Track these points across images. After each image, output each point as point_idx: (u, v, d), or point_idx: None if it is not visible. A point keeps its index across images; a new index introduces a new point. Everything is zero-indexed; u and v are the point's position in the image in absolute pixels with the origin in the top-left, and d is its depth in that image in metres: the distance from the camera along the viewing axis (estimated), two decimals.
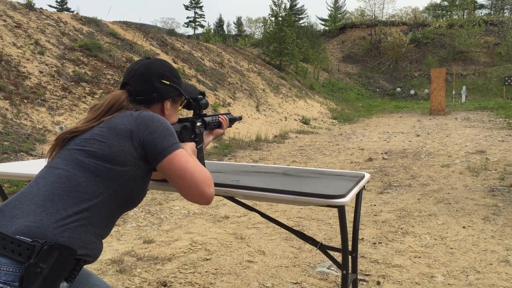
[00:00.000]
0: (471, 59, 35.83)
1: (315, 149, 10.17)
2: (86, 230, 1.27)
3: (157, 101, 1.55)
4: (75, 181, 1.29)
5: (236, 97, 15.45)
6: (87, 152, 1.34)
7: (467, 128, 13.73)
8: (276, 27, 25.42)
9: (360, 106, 25.82)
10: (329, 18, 58.06)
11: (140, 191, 1.44)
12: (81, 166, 1.32)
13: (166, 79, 1.57)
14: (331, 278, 3.12)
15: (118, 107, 1.47)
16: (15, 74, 8.58)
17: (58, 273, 1.15)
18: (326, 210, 4.85)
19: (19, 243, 1.14)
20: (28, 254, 1.13)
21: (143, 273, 3.20)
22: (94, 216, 1.29)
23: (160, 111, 1.57)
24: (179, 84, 1.62)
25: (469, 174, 6.65)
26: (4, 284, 1.11)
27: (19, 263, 1.13)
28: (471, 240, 3.84)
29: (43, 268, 1.12)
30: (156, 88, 1.54)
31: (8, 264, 1.13)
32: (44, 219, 1.20)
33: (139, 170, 1.39)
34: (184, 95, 1.65)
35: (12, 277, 1.12)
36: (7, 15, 10.75)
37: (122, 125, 1.38)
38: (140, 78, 1.53)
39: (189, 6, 69.10)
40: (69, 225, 1.23)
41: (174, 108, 1.64)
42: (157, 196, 5.51)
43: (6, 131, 6.73)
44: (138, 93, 1.52)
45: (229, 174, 2.07)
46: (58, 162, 1.35)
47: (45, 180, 1.31)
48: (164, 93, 1.56)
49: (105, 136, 1.36)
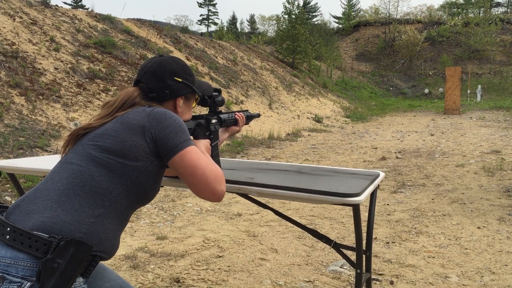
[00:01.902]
0: (487, 58, 35.36)
1: (328, 148, 10.13)
2: (102, 226, 1.27)
3: (169, 98, 1.55)
4: (89, 176, 1.30)
5: (249, 94, 15.45)
6: (100, 147, 1.34)
7: (482, 128, 13.57)
8: (289, 25, 25.36)
9: (374, 105, 25.66)
10: (343, 16, 57.74)
11: (153, 186, 1.44)
12: (94, 161, 1.32)
13: (179, 76, 1.56)
14: (344, 277, 3.11)
15: (130, 103, 1.47)
16: (30, 71, 8.68)
17: (75, 268, 1.15)
18: (339, 209, 4.83)
19: (36, 239, 1.15)
20: (45, 249, 1.14)
21: (156, 269, 3.21)
22: (109, 212, 1.30)
23: (173, 109, 1.57)
24: (192, 82, 1.62)
25: (484, 174, 6.57)
26: (22, 279, 1.13)
27: (37, 258, 1.14)
28: (486, 241, 3.80)
29: (60, 264, 1.13)
30: (169, 85, 1.54)
31: (25, 259, 1.14)
32: (60, 215, 1.21)
33: (152, 165, 1.39)
34: (197, 93, 1.64)
35: (30, 272, 1.14)
36: (23, 12, 10.86)
37: (135, 120, 1.38)
38: (152, 75, 1.54)
39: (202, 3, 69.15)
40: (85, 221, 1.24)
41: (187, 106, 1.64)
42: (170, 193, 5.54)
43: (21, 127, 6.81)
44: (151, 90, 1.53)
45: (243, 172, 2.07)
46: (72, 157, 1.36)
47: (60, 176, 1.32)
48: (177, 90, 1.56)
49: (118, 131, 1.36)
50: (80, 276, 1.22)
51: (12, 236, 1.17)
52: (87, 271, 1.22)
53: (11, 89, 7.74)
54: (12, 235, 1.17)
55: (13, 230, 1.17)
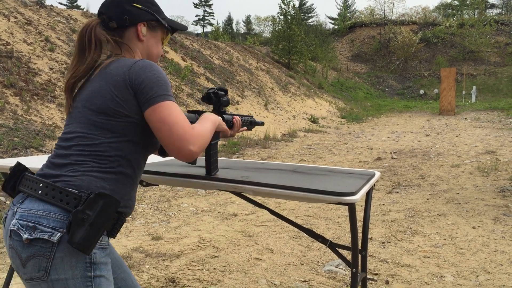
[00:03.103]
0: (482, 59, 35.51)
1: (324, 148, 10.14)
2: (121, 183, 1.35)
3: (129, 24, 1.49)
4: (96, 140, 1.32)
5: (244, 95, 15.45)
6: (95, 111, 1.34)
7: (477, 129, 13.62)
8: (285, 26, 25.38)
9: (369, 106, 25.72)
10: (339, 17, 57.91)
11: None
12: (95, 125, 1.34)
13: (138, 2, 1.51)
14: (340, 277, 3.11)
15: (90, 33, 1.43)
16: (25, 71, 8.64)
17: (103, 221, 1.22)
18: (335, 209, 4.83)
19: (67, 193, 1.23)
20: (75, 203, 1.22)
21: (152, 269, 3.20)
22: (124, 169, 1.36)
23: (136, 37, 1.51)
24: (155, 11, 1.56)
25: (479, 175, 6.60)
26: (53, 230, 1.20)
27: (67, 211, 1.22)
28: (481, 241, 3.81)
29: (89, 215, 1.19)
30: (127, 11, 1.48)
31: (57, 212, 1.22)
32: (84, 174, 1.28)
33: None
34: (162, 23, 1.56)
35: (60, 224, 1.21)
36: (18, 12, 10.81)
37: (117, 76, 1.36)
38: (111, 3, 1.50)
39: (198, 4, 69.16)
40: (108, 178, 1.31)
41: (153, 37, 1.57)
42: (165, 193, 5.52)
43: (16, 127, 6.78)
44: (110, 19, 1.48)
45: (239, 170, 2.06)
46: (74, 126, 1.37)
47: (69, 144, 1.34)
48: (136, 16, 1.50)
49: (105, 90, 1.35)
50: (107, 234, 1.31)
51: (44, 191, 1.25)
52: (114, 229, 1.30)
53: (5, 89, 7.70)
54: (45, 190, 1.25)
55: (46, 186, 1.25)
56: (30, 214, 1.22)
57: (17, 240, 1.21)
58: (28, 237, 1.19)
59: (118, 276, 1.58)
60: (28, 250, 1.20)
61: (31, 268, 1.20)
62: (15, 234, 1.22)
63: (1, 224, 1.27)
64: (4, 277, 2.92)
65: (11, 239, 1.23)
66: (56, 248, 1.19)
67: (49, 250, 1.19)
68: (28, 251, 1.20)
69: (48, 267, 1.19)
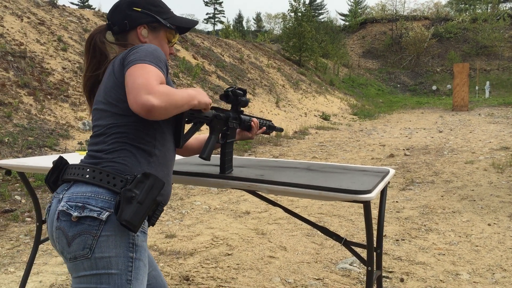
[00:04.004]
0: (495, 54, 35.08)
1: (336, 145, 10.10)
2: (156, 169, 1.40)
3: (129, 28, 1.54)
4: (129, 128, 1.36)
5: (255, 92, 15.44)
6: (112, 103, 1.38)
7: (491, 124, 13.46)
8: (295, 23, 25.29)
9: (381, 102, 25.55)
10: (349, 13, 57.51)
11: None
12: (121, 115, 1.37)
13: (138, 6, 1.55)
14: (354, 275, 3.09)
15: (96, 38, 1.51)
16: (38, 71, 8.72)
17: (150, 200, 1.27)
18: (348, 207, 4.81)
19: (114, 176, 1.30)
20: (122, 185, 1.29)
21: (166, 267, 3.22)
22: (160, 157, 1.42)
23: (138, 40, 1.56)
24: (156, 12, 1.58)
25: (493, 171, 6.52)
26: (101, 209, 1.26)
27: (114, 193, 1.29)
28: (497, 238, 3.77)
29: (137, 194, 1.24)
30: (127, 15, 1.54)
31: (104, 193, 1.29)
32: (127, 160, 1.34)
33: None
34: (163, 22, 1.57)
35: (108, 204, 1.28)
36: (30, 12, 10.91)
37: (116, 65, 1.40)
38: (114, 10, 1.57)
39: (208, 2, 69.19)
40: (145, 163, 1.37)
41: (156, 38, 1.59)
42: (178, 191, 5.54)
43: (30, 127, 6.85)
44: (113, 24, 1.55)
45: (252, 169, 2.06)
46: (99, 124, 1.41)
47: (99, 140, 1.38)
48: (135, 19, 1.54)
49: (112, 81, 1.39)
50: (147, 220, 1.34)
51: (91, 175, 1.31)
52: (153, 216, 1.33)
53: (19, 89, 7.78)
54: (92, 174, 1.31)
55: (93, 170, 1.31)
56: (78, 196, 1.28)
57: (64, 220, 1.26)
58: (78, 215, 1.24)
59: (150, 273, 1.64)
60: (75, 228, 1.25)
61: (76, 246, 1.25)
62: (63, 214, 1.27)
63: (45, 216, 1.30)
64: (21, 275, 2.96)
65: (59, 221, 1.28)
66: (103, 226, 1.25)
67: (96, 228, 1.24)
68: (76, 229, 1.25)
69: (93, 245, 1.24)
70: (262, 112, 13.66)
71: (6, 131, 6.40)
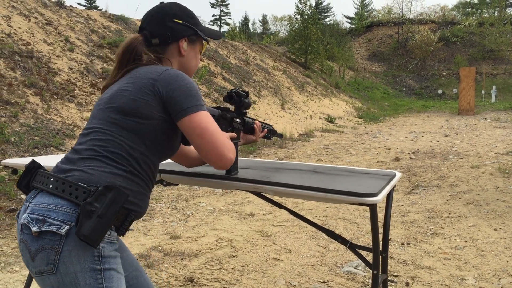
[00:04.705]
0: (502, 58, 34.90)
1: (341, 148, 10.08)
2: (133, 181, 1.35)
3: (171, 41, 1.54)
4: (112, 136, 1.35)
5: (261, 95, 15.44)
6: (116, 109, 1.38)
7: (497, 129, 13.40)
8: (301, 25, 25.29)
9: (386, 105, 25.48)
10: (356, 16, 57.46)
11: (173, 141, 1.48)
12: (113, 123, 1.37)
13: (179, 18, 1.56)
14: (359, 278, 3.08)
15: (133, 49, 1.48)
16: (45, 71, 8.76)
17: (111, 214, 1.22)
18: (353, 209, 4.80)
19: (77, 187, 1.25)
20: (84, 197, 1.23)
21: (170, 268, 3.22)
22: (137, 168, 1.37)
23: (177, 53, 1.56)
24: (194, 24, 1.60)
25: (500, 176, 6.49)
26: (61, 223, 1.22)
27: (76, 205, 1.24)
28: (503, 243, 3.74)
29: (98, 208, 1.20)
30: (169, 27, 1.53)
31: (66, 205, 1.24)
32: (95, 169, 1.30)
33: (166, 122, 1.41)
34: (201, 36, 1.62)
35: (69, 217, 1.23)
36: (38, 13, 10.97)
37: (145, 79, 1.40)
38: (153, 19, 1.55)
39: (214, 4, 69.30)
40: (119, 174, 1.32)
41: (193, 50, 1.62)
42: (183, 193, 5.54)
43: (36, 126, 6.88)
44: (153, 35, 1.53)
45: (258, 170, 2.06)
46: (93, 122, 1.41)
47: (85, 139, 1.38)
48: (178, 32, 1.55)
49: (129, 91, 1.39)
50: (115, 230, 1.31)
51: (54, 185, 1.27)
52: (122, 226, 1.30)
53: (26, 89, 7.81)
54: (55, 184, 1.27)
55: (56, 180, 1.28)
56: (40, 207, 1.24)
57: (27, 234, 1.23)
58: (37, 230, 1.20)
59: (130, 274, 1.60)
60: (37, 243, 1.21)
61: (40, 262, 1.22)
62: (25, 227, 1.24)
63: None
64: (26, 274, 2.97)
65: (22, 233, 1.25)
66: (64, 241, 1.21)
67: (57, 243, 1.20)
68: (38, 244, 1.21)
69: (57, 260, 1.20)
70: (268, 114, 13.66)
71: (12, 131, 6.43)
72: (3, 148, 5.91)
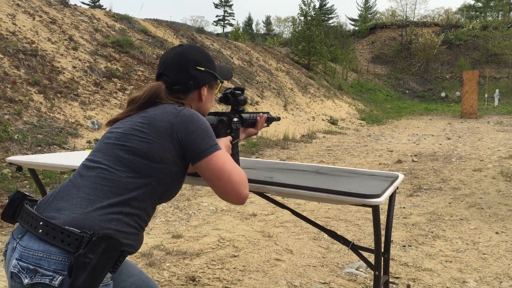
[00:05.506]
0: (505, 62, 34.87)
1: (343, 150, 10.08)
2: (128, 223, 1.30)
3: (194, 88, 1.55)
4: (116, 176, 1.32)
5: (264, 95, 15.46)
6: (127, 148, 1.36)
7: (500, 132, 13.38)
8: (305, 27, 25.32)
9: (389, 108, 25.48)
10: (359, 18, 57.52)
11: (176, 185, 1.47)
12: (121, 162, 1.34)
13: (201, 65, 1.56)
14: (360, 280, 3.09)
15: (155, 98, 1.48)
16: (49, 69, 8.79)
17: (106, 264, 1.18)
18: (355, 211, 4.81)
19: (69, 234, 1.18)
20: (76, 244, 1.17)
21: (172, 267, 3.23)
22: (135, 210, 1.32)
23: (198, 99, 1.58)
24: (213, 69, 1.61)
25: (502, 179, 6.48)
26: (54, 273, 1.16)
27: (68, 253, 1.17)
28: (505, 246, 3.74)
29: (92, 259, 1.15)
30: (193, 76, 1.54)
31: (57, 254, 1.17)
32: (90, 212, 1.24)
33: (176, 167, 1.41)
34: (219, 80, 1.64)
35: (61, 266, 1.16)
36: (42, 11, 11.01)
37: (162, 122, 1.39)
38: (175, 67, 1.54)
39: (218, 4, 69.42)
40: (114, 218, 1.26)
41: (210, 93, 1.64)
42: (185, 192, 5.56)
43: (40, 124, 6.90)
44: (175, 83, 1.53)
45: (261, 171, 2.07)
46: (100, 156, 1.38)
47: (89, 174, 1.34)
48: (201, 80, 1.56)
49: (145, 132, 1.37)
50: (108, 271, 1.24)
51: (44, 230, 1.19)
52: (115, 266, 1.24)
53: (30, 87, 7.84)
54: (45, 229, 1.19)
55: (46, 225, 1.20)
56: (30, 255, 1.19)
57: (18, 282, 1.18)
58: (29, 282, 1.16)
59: (126, 282, 1.57)
60: None
61: None
62: (16, 276, 1.18)
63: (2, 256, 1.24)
64: None
65: (13, 280, 1.20)
66: None
67: None
68: None
69: None
70: None
71: (16, 128, 6.46)
72: (6, 145, 5.93)
